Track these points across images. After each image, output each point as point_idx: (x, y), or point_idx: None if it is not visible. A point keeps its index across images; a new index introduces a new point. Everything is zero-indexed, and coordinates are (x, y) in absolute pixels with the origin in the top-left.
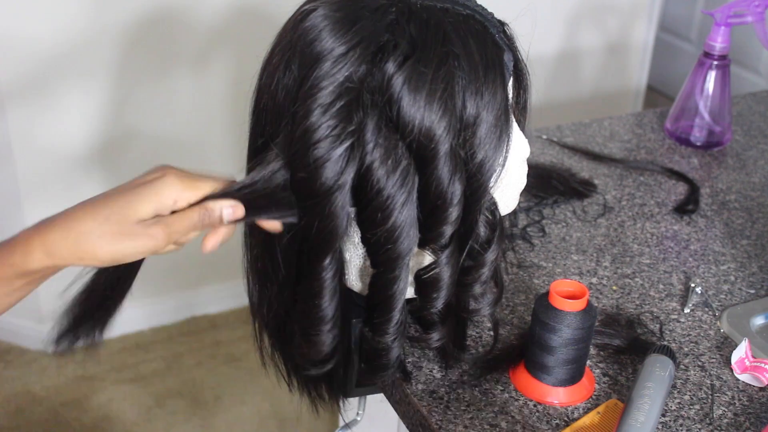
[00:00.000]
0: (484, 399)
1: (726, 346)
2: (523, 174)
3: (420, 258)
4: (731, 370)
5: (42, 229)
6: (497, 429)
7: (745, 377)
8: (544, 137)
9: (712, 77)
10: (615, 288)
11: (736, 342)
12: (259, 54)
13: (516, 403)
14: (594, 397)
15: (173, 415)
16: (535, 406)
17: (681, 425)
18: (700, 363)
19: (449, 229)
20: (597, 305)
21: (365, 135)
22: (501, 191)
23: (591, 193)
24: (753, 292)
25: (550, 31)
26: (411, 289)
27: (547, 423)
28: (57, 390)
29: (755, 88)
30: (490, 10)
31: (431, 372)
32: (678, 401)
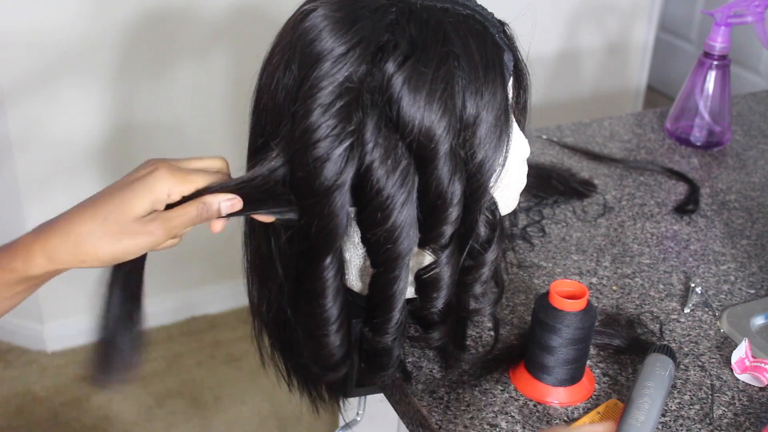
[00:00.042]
0: (484, 399)
1: (726, 346)
2: (523, 174)
3: (420, 258)
4: (731, 370)
5: (42, 235)
6: (497, 429)
7: (745, 377)
8: (544, 137)
9: (712, 77)
10: (615, 288)
11: (736, 342)
12: (259, 54)
13: (516, 403)
14: (594, 397)
15: (173, 415)
16: (535, 406)
17: (681, 425)
18: (700, 363)
19: (449, 229)
20: (597, 305)
21: (365, 135)
22: (501, 191)
23: (591, 193)
24: (753, 292)
25: (550, 31)
26: (411, 289)
27: (547, 423)
28: (57, 390)
29: (755, 88)
30: (490, 10)
31: (431, 372)
32: (678, 401)
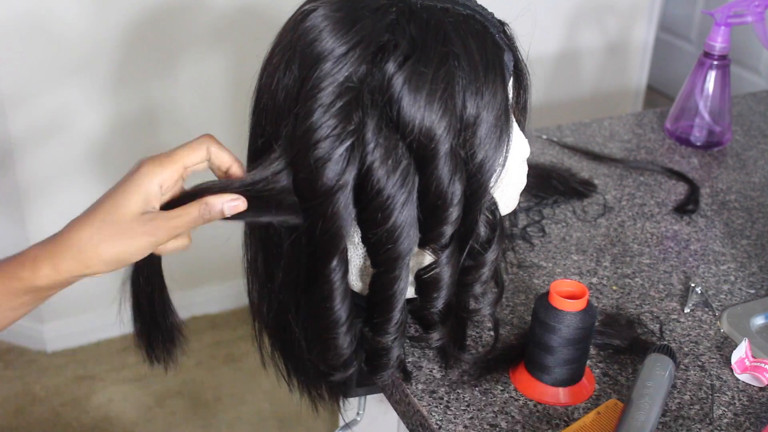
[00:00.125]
0: (484, 399)
1: (726, 346)
2: (523, 174)
3: (420, 258)
4: (731, 370)
5: (47, 246)
6: (497, 429)
7: (745, 377)
8: (544, 137)
9: (712, 77)
10: (615, 288)
11: (736, 342)
12: (259, 54)
13: (516, 403)
14: (594, 397)
15: (173, 415)
16: (535, 406)
17: (681, 425)
18: (700, 363)
19: (449, 229)
20: (597, 305)
21: (366, 135)
22: (501, 191)
23: (591, 193)
24: (753, 292)
25: (550, 31)
26: (411, 289)
27: (547, 423)
28: (57, 390)
29: (755, 88)
30: (490, 10)
31: (431, 372)
32: (678, 401)
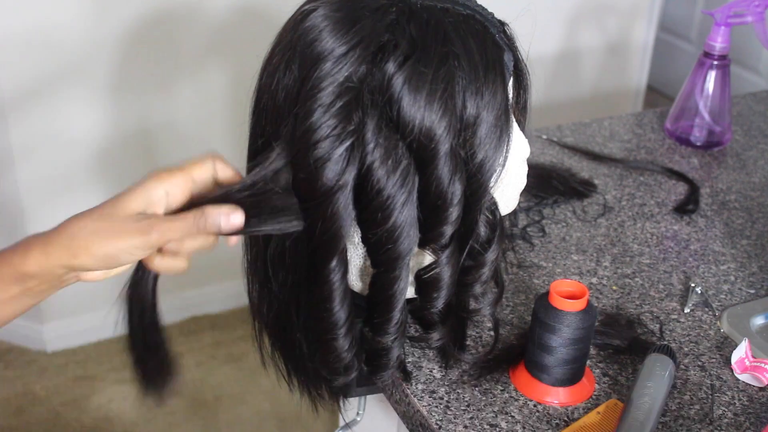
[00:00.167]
0: (484, 399)
1: (726, 346)
2: (523, 174)
3: (420, 258)
4: (731, 370)
5: (43, 234)
6: (497, 429)
7: (745, 377)
8: (544, 137)
9: (712, 77)
10: (615, 288)
11: (736, 342)
12: (259, 54)
13: (516, 403)
14: (594, 397)
15: (173, 415)
16: (535, 406)
17: (681, 425)
18: (700, 363)
19: (449, 229)
20: (597, 305)
21: (366, 135)
22: (501, 191)
23: (591, 193)
24: (753, 292)
25: (550, 31)
26: (411, 289)
27: (547, 423)
28: (57, 390)
29: (755, 88)
30: (490, 10)
31: (431, 372)
32: (678, 401)
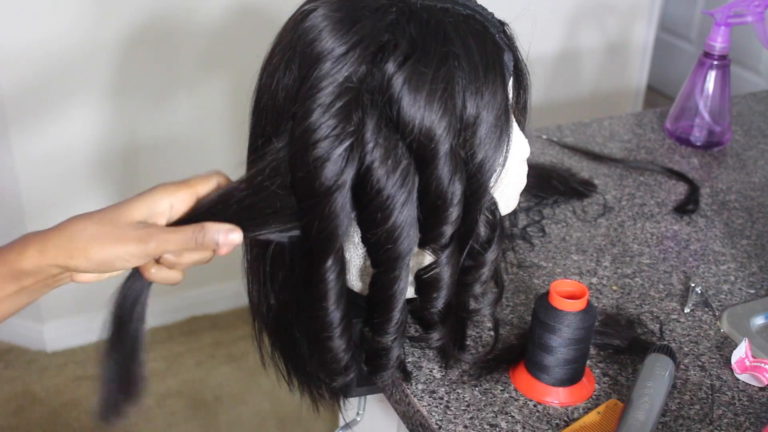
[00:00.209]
0: (484, 399)
1: (726, 346)
2: (523, 174)
3: (420, 258)
4: (731, 370)
5: (42, 232)
6: (497, 429)
7: (745, 377)
8: (544, 137)
9: (712, 77)
10: (615, 288)
11: (736, 342)
12: (259, 54)
13: (516, 403)
14: (594, 397)
15: (173, 415)
16: (535, 406)
17: (681, 425)
18: (700, 363)
19: (449, 229)
20: (597, 305)
21: (365, 135)
22: (501, 191)
23: (591, 193)
24: (753, 292)
25: (550, 31)
26: (411, 289)
27: (547, 423)
28: (57, 390)
29: (755, 88)
30: (490, 10)
31: (431, 372)
32: (678, 401)
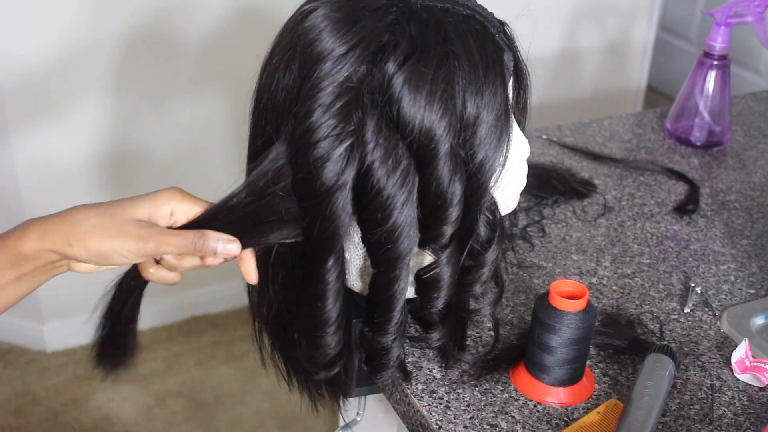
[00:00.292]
0: (484, 399)
1: (726, 346)
2: (523, 174)
3: (420, 258)
4: (731, 370)
5: (45, 218)
6: (497, 429)
7: (745, 377)
8: (544, 137)
9: (712, 77)
10: (615, 288)
11: (736, 342)
12: (259, 54)
13: (516, 403)
14: (594, 397)
15: (173, 415)
16: (535, 406)
17: (681, 425)
18: (700, 363)
19: (449, 229)
20: (597, 305)
21: (365, 135)
22: (501, 191)
23: (591, 193)
24: (753, 292)
25: (550, 31)
26: (411, 289)
27: (547, 423)
28: (57, 390)
29: (755, 88)
30: (490, 10)
31: (431, 372)
32: (678, 401)
